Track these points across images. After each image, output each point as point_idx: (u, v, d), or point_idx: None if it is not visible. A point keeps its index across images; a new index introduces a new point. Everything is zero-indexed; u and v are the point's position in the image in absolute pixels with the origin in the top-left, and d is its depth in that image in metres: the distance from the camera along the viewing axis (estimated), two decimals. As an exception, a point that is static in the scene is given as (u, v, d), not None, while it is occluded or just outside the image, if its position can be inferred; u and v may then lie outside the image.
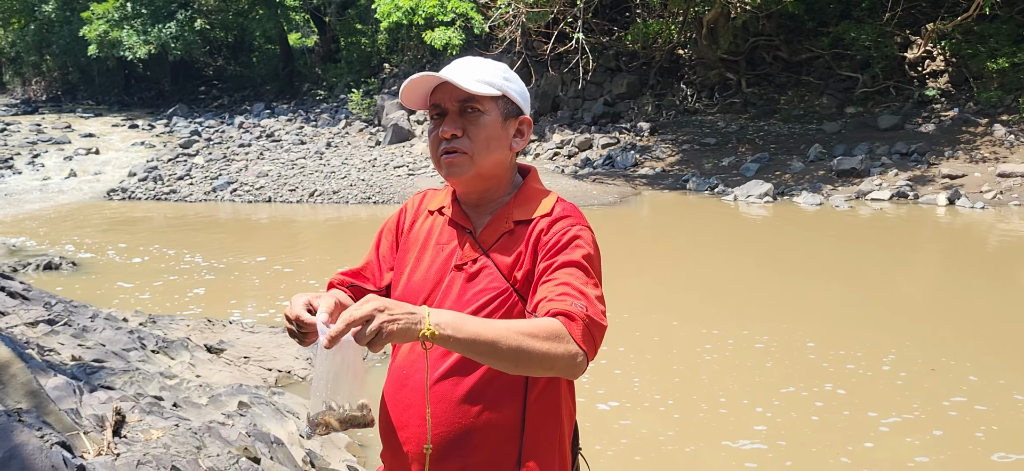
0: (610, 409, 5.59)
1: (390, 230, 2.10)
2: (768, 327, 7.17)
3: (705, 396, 5.77)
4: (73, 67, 32.62)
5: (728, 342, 6.83)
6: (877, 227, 11.95)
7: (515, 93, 1.92)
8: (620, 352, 6.61)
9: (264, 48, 32.28)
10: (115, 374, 4.94)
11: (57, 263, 10.18)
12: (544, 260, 1.82)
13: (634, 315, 7.68)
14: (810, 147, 16.18)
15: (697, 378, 6.16)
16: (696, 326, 7.31)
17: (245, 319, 7.82)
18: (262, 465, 3.80)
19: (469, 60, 1.92)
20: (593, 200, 14.26)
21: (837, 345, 6.66)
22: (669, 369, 6.36)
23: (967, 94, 17.04)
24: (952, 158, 14.65)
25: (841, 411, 5.46)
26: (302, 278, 9.65)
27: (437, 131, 1.89)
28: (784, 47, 19.65)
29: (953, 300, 8.36)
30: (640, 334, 7.13)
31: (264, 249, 11.33)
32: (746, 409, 5.53)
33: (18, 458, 2.74)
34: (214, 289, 9.22)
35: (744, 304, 8.23)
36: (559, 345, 1.65)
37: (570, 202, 1.95)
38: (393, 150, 19.31)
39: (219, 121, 24.83)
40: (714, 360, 6.50)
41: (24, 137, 22.77)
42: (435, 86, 1.89)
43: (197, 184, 16.96)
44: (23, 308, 6.10)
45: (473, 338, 1.60)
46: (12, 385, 3.33)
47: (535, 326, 1.65)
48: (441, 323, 1.57)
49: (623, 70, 21.33)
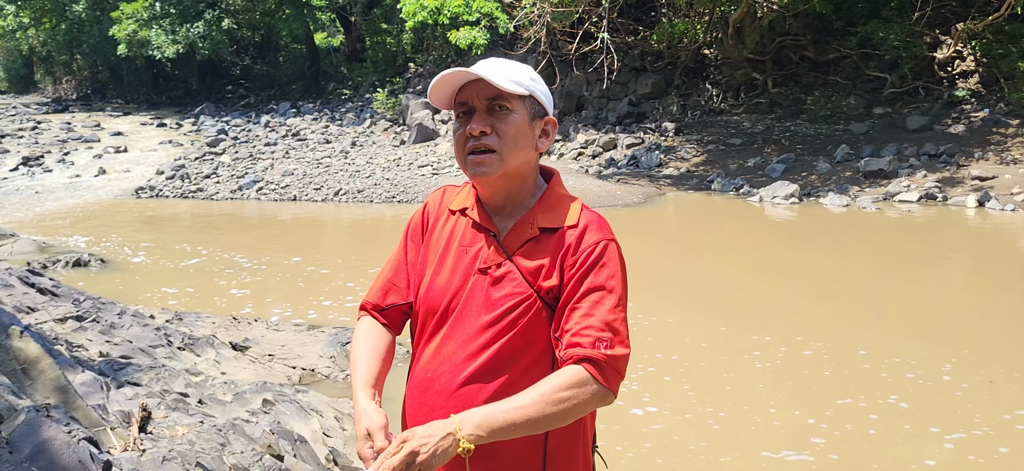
0: (644, 414, 5.50)
1: (416, 233, 2.08)
2: (818, 334, 6.96)
3: (757, 406, 5.57)
4: (103, 66, 33.02)
5: (780, 349, 6.61)
6: (907, 229, 11.81)
7: (541, 94, 1.93)
8: (673, 360, 6.47)
9: (290, 47, 32.50)
10: (142, 371, 5.00)
11: (86, 260, 10.30)
12: (572, 280, 1.84)
13: (680, 319, 7.54)
14: (837, 148, 16.03)
15: (753, 386, 5.96)
16: (746, 332, 7.08)
17: (270, 317, 7.87)
18: (286, 462, 3.82)
19: (495, 61, 1.92)
20: (617, 201, 14.22)
21: (891, 353, 6.44)
22: (719, 376, 6.19)
23: (998, 95, 16.80)
24: (982, 159, 14.45)
25: (901, 424, 5.23)
26: (331, 279, 9.69)
27: (464, 129, 1.88)
28: (811, 47, 19.47)
29: (996, 306, 8.06)
30: (689, 340, 7.00)
31: (292, 248, 11.40)
32: (797, 420, 5.32)
33: (46, 453, 2.77)
34: (240, 287, 9.30)
35: (788, 309, 8.04)
36: (586, 392, 1.76)
37: (594, 211, 1.95)
38: (418, 149, 19.37)
39: (246, 120, 25.03)
40: (767, 368, 6.29)
41: (55, 135, 23.08)
42: (463, 84, 1.89)
43: (224, 182, 17.11)
44: (52, 304, 6.18)
45: (509, 424, 1.70)
46: (41, 381, 3.38)
47: (561, 385, 1.75)
48: (473, 434, 1.67)
49: (648, 70, 21.24)
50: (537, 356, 1.86)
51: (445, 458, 1.66)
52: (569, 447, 1.91)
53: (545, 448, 1.87)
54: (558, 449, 1.89)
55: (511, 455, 1.85)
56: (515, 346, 1.85)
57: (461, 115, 1.90)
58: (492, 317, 1.85)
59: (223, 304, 8.58)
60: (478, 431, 1.68)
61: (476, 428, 1.68)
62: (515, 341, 1.84)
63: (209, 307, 8.35)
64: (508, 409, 1.72)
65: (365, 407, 1.82)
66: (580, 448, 1.94)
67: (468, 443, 1.66)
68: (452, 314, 1.90)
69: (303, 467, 3.90)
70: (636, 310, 7.68)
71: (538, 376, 1.83)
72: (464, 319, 1.88)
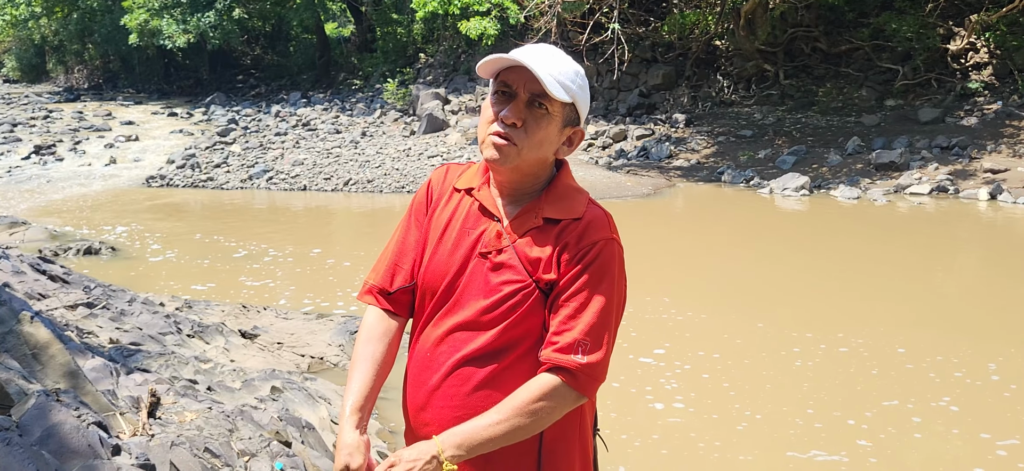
0: (666, 408, 5.45)
1: (420, 210, 2.06)
2: (858, 330, 6.78)
3: (796, 406, 5.42)
4: (114, 56, 33.10)
5: (821, 347, 6.46)
6: (920, 222, 11.75)
7: (582, 103, 1.90)
8: (715, 358, 6.35)
9: (301, 38, 32.50)
10: (151, 357, 5.02)
11: (96, 248, 10.36)
12: (565, 276, 1.85)
13: (714, 316, 7.41)
14: (848, 140, 15.94)
15: (798, 386, 5.81)
16: (784, 329, 6.93)
17: (280, 305, 7.90)
18: (293, 449, 3.84)
19: (552, 52, 1.87)
20: (627, 192, 14.20)
21: (933, 351, 6.29)
22: (759, 375, 6.05)
23: (1011, 87, 16.67)
24: (994, 152, 14.35)
25: (949, 428, 5.03)
26: (340, 268, 9.72)
27: (497, 109, 1.85)
28: (823, 38, 19.37)
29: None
30: (727, 336, 6.87)
31: (302, 237, 11.44)
32: (837, 421, 5.14)
33: (56, 436, 2.79)
34: (250, 275, 9.33)
35: (821, 305, 7.85)
36: (558, 401, 1.82)
37: (600, 206, 1.93)
38: (427, 140, 19.37)
39: (256, 110, 25.06)
40: (808, 367, 6.13)
41: (66, 125, 23.17)
42: (511, 66, 1.85)
43: (234, 172, 17.15)
44: (63, 291, 6.22)
45: (487, 440, 1.79)
46: (51, 366, 3.40)
47: (533, 396, 1.81)
48: (454, 455, 1.78)
49: (659, 61, 21.18)
50: (533, 344, 1.87)
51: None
52: (566, 434, 1.92)
53: (541, 436, 1.88)
54: (554, 438, 1.90)
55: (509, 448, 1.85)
56: (511, 334, 1.85)
57: (500, 93, 1.87)
58: (490, 303, 1.85)
59: (233, 292, 8.61)
60: (458, 452, 1.77)
61: (457, 448, 1.77)
62: (512, 329, 1.85)
63: (219, 295, 8.39)
64: (485, 426, 1.79)
65: (347, 439, 1.91)
66: (577, 434, 1.95)
67: (452, 464, 1.76)
68: (452, 295, 1.90)
69: (310, 453, 3.92)
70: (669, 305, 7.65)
71: (532, 363, 1.85)
72: (463, 302, 1.89)
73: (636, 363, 6.25)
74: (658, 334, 6.89)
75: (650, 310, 7.46)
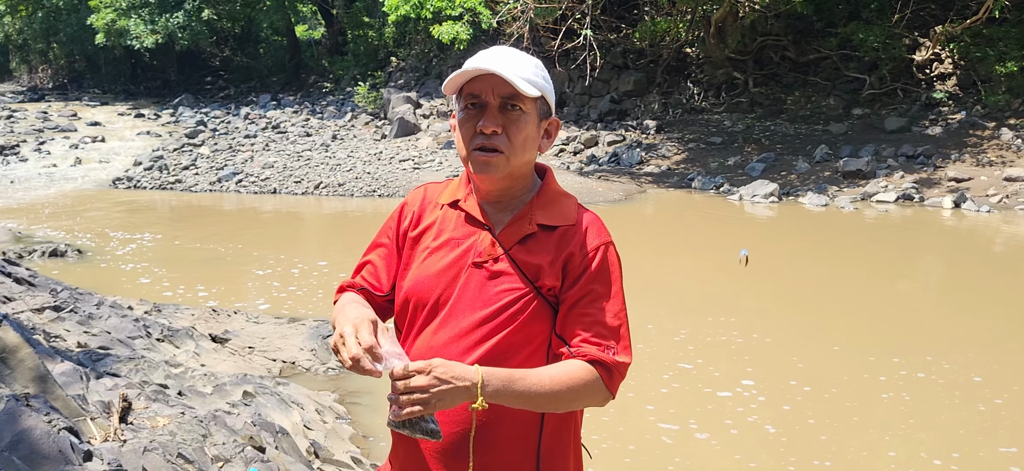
0: (680, 429, 5.47)
1: (390, 231, 2.04)
2: (935, 351, 6.56)
3: (770, 413, 5.61)
4: (80, 55, 32.65)
5: (793, 358, 6.52)
6: (887, 229, 11.90)
7: (549, 93, 1.90)
8: (683, 368, 6.34)
9: (271, 40, 32.27)
10: (121, 361, 4.95)
11: (62, 250, 10.19)
12: (576, 283, 1.85)
13: (680, 322, 7.41)
14: (816, 148, 16.14)
15: (774, 391, 5.82)
16: (861, 351, 6.64)
17: (250, 309, 7.82)
18: (267, 454, 3.80)
19: (507, 52, 1.86)
20: (598, 198, 14.25)
21: (889, 352, 6.38)
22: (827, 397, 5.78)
23: (975, 97, 16.98)
24: (958, 161, 14.60)
25: (883, 432, 5.07)
26: (312, 272, 9.64)
27: (476, 124, 1.83)
28: (792, 47, 19.60)
29: (983, 307, 8.04)
30: (693, 346, 6.84)
31: (272, 241, 11.34)
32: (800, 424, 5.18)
33: (26, 442, 2.74)
34: (219, 279, 9.23)
35: (789, 311, 7.86)
36: (594, 392, 1.81)
37: (590, 210, 1.95)
38: (399, 144, 19.31)
39: (225, 112, 24.83)
40: (779, 373, 6.14)
41: (30, 125, 22.79)
42: (475, 76, 1.83)
43: (202, 174, 16.97)
44: (29, 294, 6.10)
45: (524, 393, 1.74)
46: (20, 370, 3.34)
47: (578, 379, 1.79)
48: (496, 391, 1.69)
49: (630, 67, 21.29)
50: (533, 351, 1.86)
51: (454, 404, 1.67)
52: (562, 440, 1.93)
53: (540, 439, 1.88)
54: (552, 444, 1.90)
55: (508, 450, 1.86)
56: (512, 341, 1.84)
57: (469, 107, 1.85)
58: (489, 312, 1.83)
59: (202, 296, 8.51)
60: (497, 390, 1.69)
61: (498, 385, 1.70)
62: (512, 336, 1.83)
63: (188, 299, 8.29)
64: (528, 380, 1.74)
65: (353, 314, 1.75)
66: (571, 440, 1.95)
67: (485, 403, 1.67)
68: (444, 307, 1.88)
69: (285, 459, 3.88)
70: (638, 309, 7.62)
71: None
72: (458, 313, 1.86)
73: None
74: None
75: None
